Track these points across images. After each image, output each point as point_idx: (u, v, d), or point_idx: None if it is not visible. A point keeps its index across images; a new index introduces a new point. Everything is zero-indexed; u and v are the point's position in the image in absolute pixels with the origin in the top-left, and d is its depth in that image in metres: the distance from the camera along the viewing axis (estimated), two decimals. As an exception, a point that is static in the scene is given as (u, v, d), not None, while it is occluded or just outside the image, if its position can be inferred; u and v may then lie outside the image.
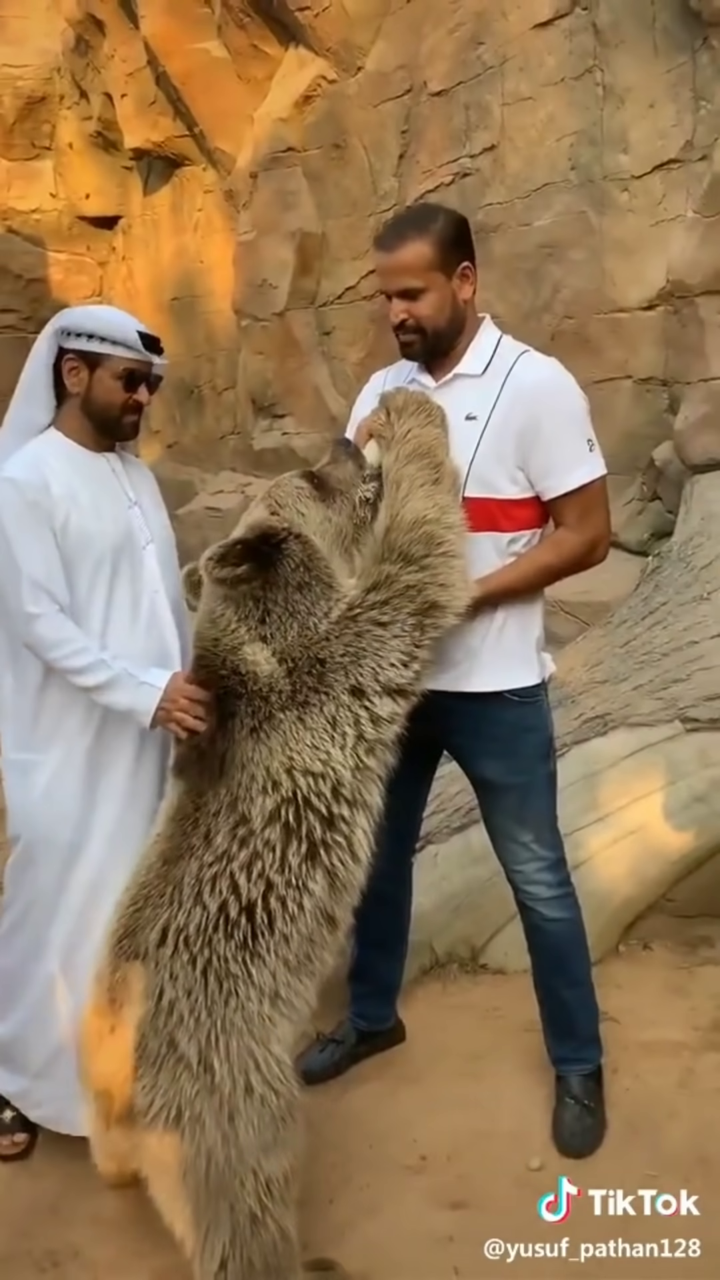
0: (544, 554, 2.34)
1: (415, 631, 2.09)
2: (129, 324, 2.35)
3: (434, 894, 3.12)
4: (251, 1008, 1.99)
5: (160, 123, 9.07)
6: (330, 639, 2.07)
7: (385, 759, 2.13)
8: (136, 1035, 1.98)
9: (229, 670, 2.09)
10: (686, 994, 3.01)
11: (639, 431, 4.84)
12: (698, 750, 3.16)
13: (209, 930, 1.99)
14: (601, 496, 2.33)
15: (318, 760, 2.04)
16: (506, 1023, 2.92)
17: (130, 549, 2.38)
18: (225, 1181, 1.94)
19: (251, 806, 2.03)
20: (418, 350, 2.33)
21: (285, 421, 7.64)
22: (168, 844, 2.10)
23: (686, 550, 3.75)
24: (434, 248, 2.24)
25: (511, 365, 2.29)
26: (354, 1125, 2.59)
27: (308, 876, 2.04)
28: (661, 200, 4.63)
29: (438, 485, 2.17)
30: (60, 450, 2.36)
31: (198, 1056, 1.95)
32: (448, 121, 5.91)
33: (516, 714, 2.39)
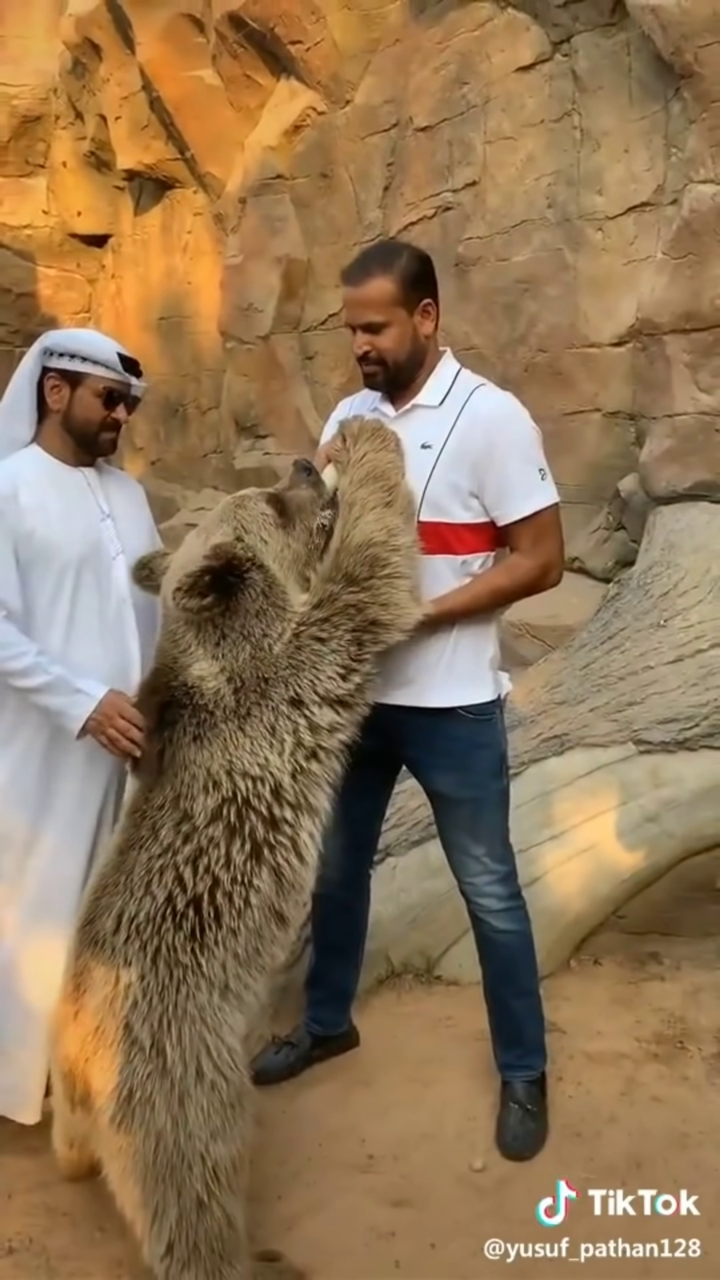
0: (497, 577, 2.42)
1: (353, 646, 2.18)
2: (110, 346, 2.47)
3: (391, 905, 3.20)
4: (202, 997, 2.07)
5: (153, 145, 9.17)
6: (279, 658, 2.16)
7: (331, 766, 2.21)
8: (95, 1019, 2.06)
9: (178, 683, 2.18)
10: (632, 1008, 3.10)
11: (606, 463, 4.96)
12: (650, 771, 3.26)
13: (158, 919, 2.07)
14: (554, 523, 2.41)
15: (256, 764, 2.13)
16: (457, 1031, 2.99)
17: (97, 560, 2.47)
18: (174, 1165, 2.01)
19: (194, 804, 2.12)
20: (380, 381, 2.43)
21: (267, 442, 7.75)
22: (122, 836, 2.20)
23: (646, 579, 3.86)
24: (397, 285, 2.34)
25: (468, 397, 2.39)
26: (305, 1125, 2.65)
27: (253, 874, 2.12)
28: (634, 241, 4.77)
29: (389, 508, 2.26)
30: (37, 463, 2.47)
31: (150, 1040, 2.02)
32: (431, 156, 6.06)
33: (470, 730, 2.47)
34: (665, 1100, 2.72)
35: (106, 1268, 2.23)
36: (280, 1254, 2.21)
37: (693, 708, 3.32)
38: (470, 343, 5.54)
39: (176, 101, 8.22)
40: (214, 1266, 2.05)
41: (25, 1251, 2.28)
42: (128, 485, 2.70)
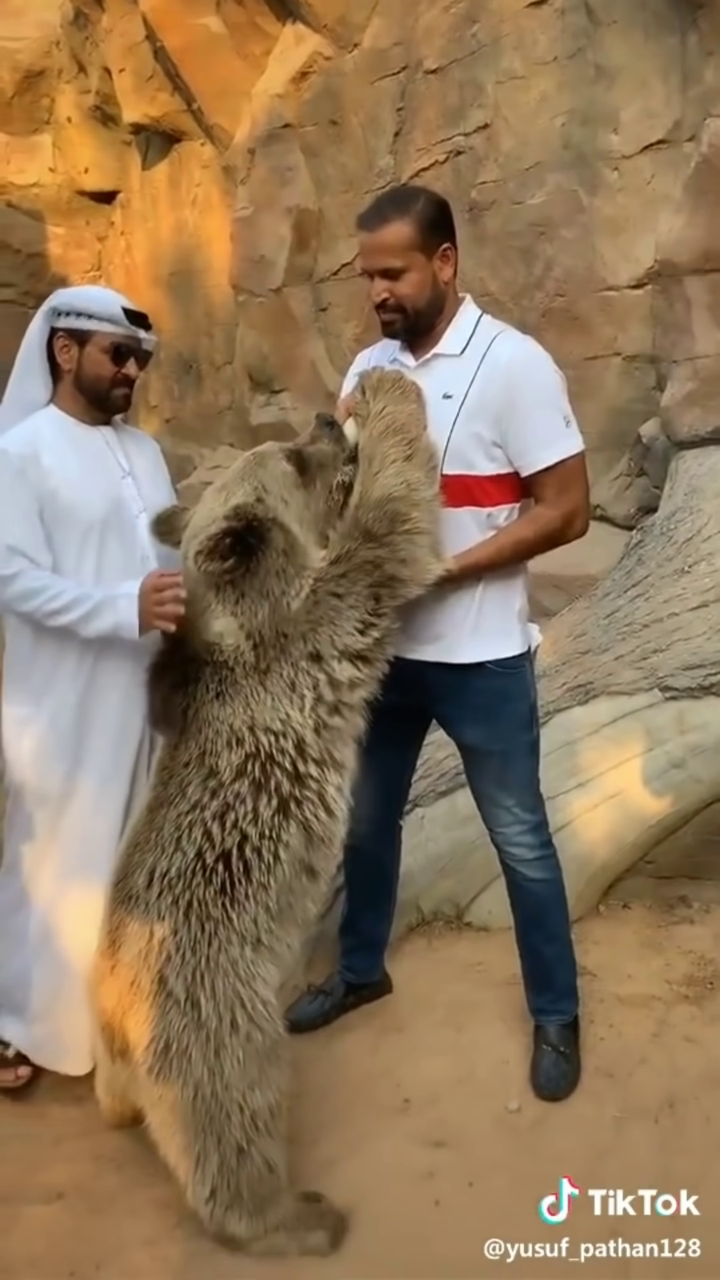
0: (521, 529, 2.39)
1: (370, 601, 2.17)
2: (114, 300, 2.46)
3: (421, 855, 3.23)
4: (234, 950, 2.10)
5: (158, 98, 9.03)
6: (297, 614, 2.16)
7: (354, 721, 2.23)
8: (131, 972, 2.10)
9: (199, 641, 2.19)
10: (661, 950, 3.13)
11: (627, 408, 4.90)
12: (675, 717, 3.25)
13: (188, 874, 2.11)
14: (579, 472, 2.38)
15: (277, 720, 2.14)
16: (489, 977, 3.03)
17: (120, 518, 2.48)
18: (212, 1114, 2.06)
19: (219, 760, 2.14)
20: (398, 329, 2.38)
21: (282, 397, 7.68)
22: (152, 794, 2.23)
23: (669, 525, 3.82)
24: (415, 228, 2.29)
25: (489, 344, 2.35)
26: (341, 1070, 2.70)
27: (281, 829, 2.14)
28: (651, 180, 4.67)
29: (410, 461, 2.23)
30: (55, 424, 2.48)
31: (185, 993, 2.07)
32: (442, 99, 5.93)
33: (498, 684, 2.47)
34: (697, 1040, 2.75)
35: (154, 1209, 2.28)
36: (321, 1195, 2.26)
37: (718, 653, 3.31)
38: (486, 289, 5.46)
39: (181, 51, 8.06)
40: (256, 1208, 2.12)
41: (74, 1196, 2.34)
42: (145, 443, 2.70)
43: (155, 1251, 2.18)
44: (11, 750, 2.53)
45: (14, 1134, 2.51)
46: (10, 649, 2.53)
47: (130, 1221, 2.27)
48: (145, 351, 2.53)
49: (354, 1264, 2.13)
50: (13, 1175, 2.39)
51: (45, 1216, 2.28)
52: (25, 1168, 2.41)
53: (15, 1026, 2.60)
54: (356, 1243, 2.18)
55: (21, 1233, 2.24)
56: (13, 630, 2.51)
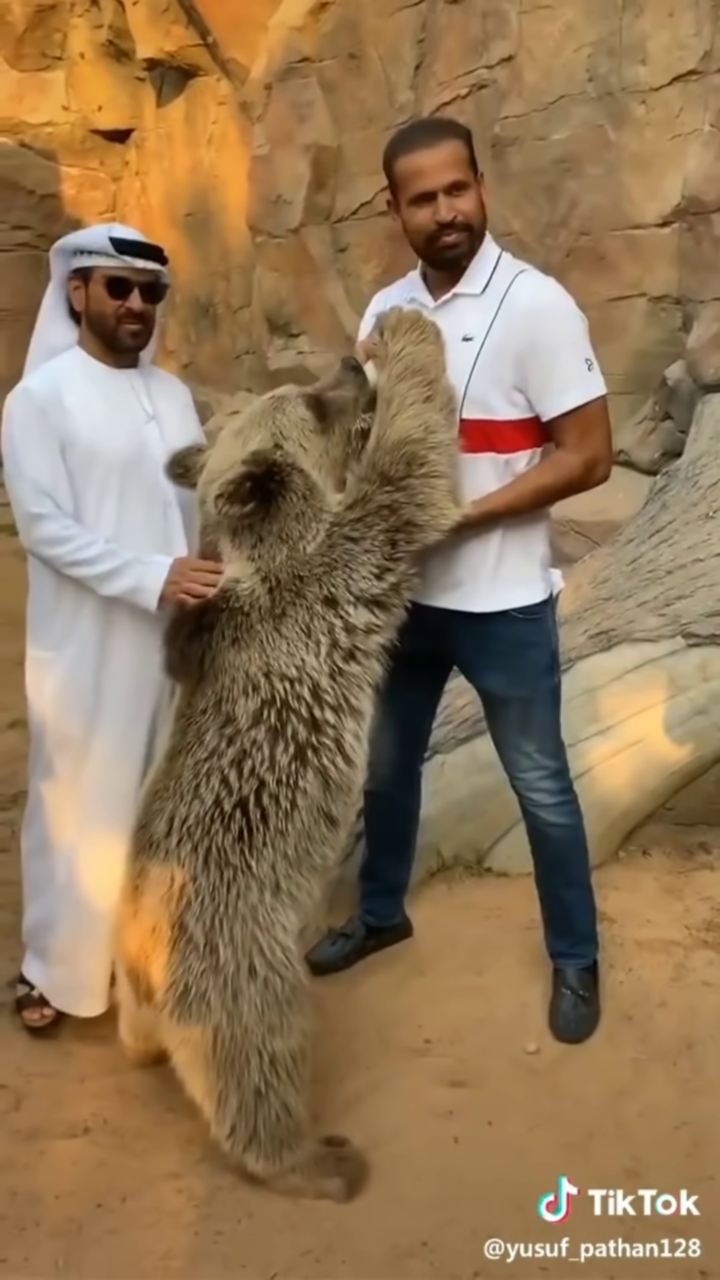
0: (542, 475, 2.35)
1: (387, 546, 2.15)
2: (101, 231, 2.41)
3: (441, 801, 3.24)
4: (253, 897, 2.11)
5: (173, 31, 8.87)
6: (312, 558, 2.15)
7: (371, 667, 2.19)
8: (152, 918, 2.13)
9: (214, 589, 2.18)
10: (681, 896, 3.14)
11: (652, 350, 4.83)
12: (699, 665, 3.24)
13: (206, 821, 2.11)
14: (601, 416, 2.34)
15: (292, 666, 2.12)
16: (509, 921, 3.04)
17: (142, 462, 2.45)
18: (232, 1057, 2.09)
19: (235, 707, 2.13)
20: (464, 250, 2.30)
21: (300, 340, 7.61)
22: (171, 741, 2.23)
23: (694, 469, 3.78)
24: (467, 147, 2.29)
25: (509, 285, 2.30)
26: (363, 1013, 2.73)
27: (299, 776, 2.13)
28: (679, 113, 4.55)
29: (429, 404, 2.19)
30: (80, 366, 2.45)
31: (204, 938, 2.09)
32: (465, 31, 5.79)
33: (519, 630, 2.45)
34: (715, 984, 2.76)
35: (178, 1145, 2.33)
36: (345, 1139, 2.28)
37: (742, 599, 3.29)
38: (509, 227, 5.37)
39: (197, -18, 7.91)
40: (273, 1150, 2.15)
41: (100, 1131, 2.38)
42: (174, 386, 2.66)
43: (180, 1185, 2.23)
44: (33, 694, 2.54)
45: (41, 1071, 2.56)
46: (33, 593, 2.54)
47: (155, 1156, 2.31)
48: (153, 284, 2.44)
49: (377, 1197, 2.17)
50: (41, 1111, 2.43)
51: (72, 1150, 2.33)
52: (52, 1104, 2.45)
53: (38, 968, 2.63)
54: (380, 1176, 2.22)
55: (49, 1166, 2.29)
56: (36, 574, 2.51)
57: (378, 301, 2.57)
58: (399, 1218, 2.13)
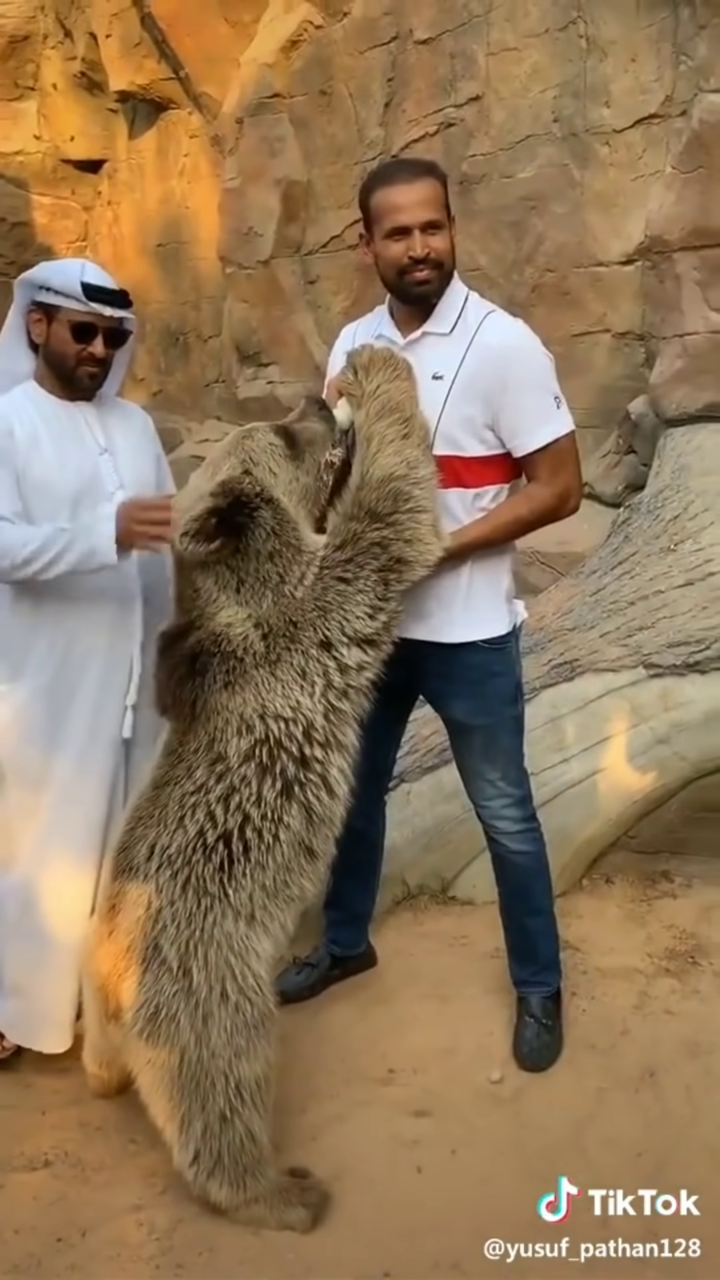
0: (517, 507, 2.42)
1: (380, 586, 2.18)
2: (74, 274, 2.37)
3: (406, 829, 3.25)
4: (228, 924, 2.13)
5: (145, 65, 8.92)
6: (304, 601, 2.16)
7: (359, 703, 2.24)
8: (127, 938, 2.14)
9: (205, 632, 2.17)
10: (644, 924, 3.17)
11: (616, 385, 4.90)
12: (660, 694, 3.28)
13: (188, 852, 2.13)
14: (571, 451, 2.40)
15: (288, 707, 2.15)
16: (473, 950, 3.06)
17: (94, 496, 2.44)
18: (198, 1080, 2.10)
19: (227, 747, 2.15)
20: (434, 287, 2.34)
21: (270, 370, 7.65)
22: (158, 772, 2.24)
23: (656, 503, 3.84)
24: (443, 189, 2.34)
25: (478, 325, 2.35)
26: (327, 1042, 2.73)
27: (283, 811, 2.16)
28: (642, 155, 4.65)
29: (407, 440, 2.23)
30: (33, 399, 2.46)
31: (178, 961, 2.10)
32: (433, 70, 5.88)
33: (485, 660, 2.49)
34: (677, 1013, 2.79)
35: (140, 1177, 2.32)
36: (308, 1172, 2.27)
37: (703, 630, 3.34)
38: (476, 263, 5.44)
39: (169, 17, 7.97)
40: (237, 1177, 2.15)
41: (61, 1164, 2.37)
42: (131, 417, 2.64)
43: (141, 1217, 2.21)
44: None
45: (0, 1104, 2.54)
46: None
47: (117, 1189, 2.30)
48: (119, 330, 2.45)
49: (339, 1227, 2.17)
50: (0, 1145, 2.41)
51: (32, 1184, 2.31)
52: (12, 1137, 2.43)
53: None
54: (341, 1207, 2.21)
55: (8, 1200, 2.26)
56: None
57: (345, 335, 2.61)
58: (361, 1248, 2.13)
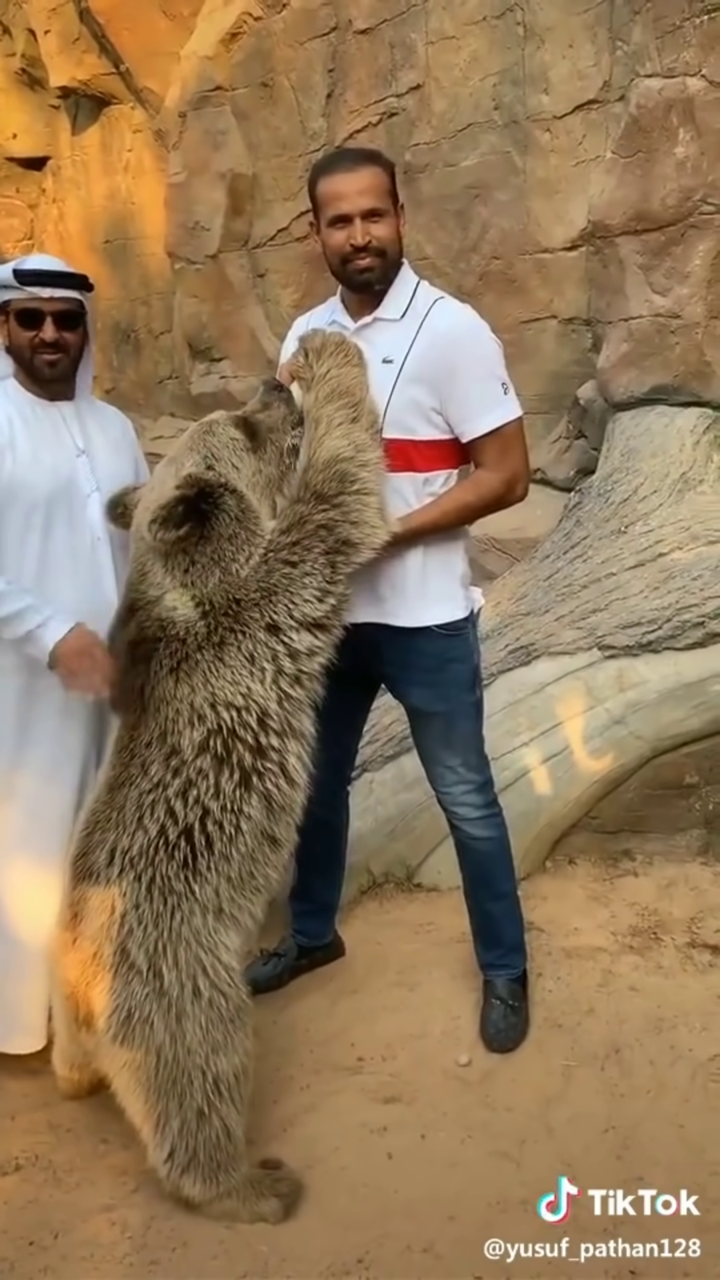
0: (464, 493, 2.42)
1: (327, 569, 2.18)
2: (8, 265, 2.40)
3: (370, 818, 3.27)
4: (196, 921, 2.12)
5: (86, 60, 8.82)
6: (247, 581, 2.15)
7: (313, 689, 2.23)
8: (93, 945, 2.12)
9: (150, 618, 2.17)
10: (607, 903, 3.19)
11: (565, 371, 4.92)
12: (615, 675, 3.31)
13: (150, 852, 2.12)
14: (518, 437, 2.42)
15: (239, 695, 2.14)
16: (439, 936, 3.08)
17: (69, 497, 2.44)
18: (175, 1078, 2.10)
19: (180, 739, 2.13)
20: (376, 275, 2.35)
21: (222, 365, 7.60)
22: (112, 773, 2.22)
23: (606, 486, 3.86)
24: (389, 177, 2.35)
25: (427, 310, 2.37)
26: (297, 1033, 2.74)
27: (243, 801, 2.15)
28: (582, 140, 4.66)
29: (355, 424, 2.25)
30: (11, 398, 2.45)
31: (147, 963, 2.09)
32: (374, 60, 5.86)
33: (442, 646, 2.50)
34: (641, 989, 2.82)
35: (111, 1177, 2.31)
36: (280, 1162, 2.28)
37: (655, 611, 3.36)
38: (423, 252, 5.44)
39: (106, 12, 7.90)
40: (210, 1173, 2.15)
41: (32, 1167, 2.35)
42: (109, 419, 2.64)
43: (114, 1217, 2.21)
44: None
45: (-31, 1110, 2.52)
46: None
47: (88, 1190, 2.29)
48: (66, 312, 2.39)
49: (312, 1216, 2.18)
50: (-31, 1150, 2.40)
51: (3, 1188, 2.30)
52: (-19, 1142, 2.42)
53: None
54: (314, 1195, 2.22)
55: (-20, 1205, 2.25)
56: None
57: (299, 325, 2.61)
58: (334, 1236, 2.13)
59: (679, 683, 3.27)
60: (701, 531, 3.55)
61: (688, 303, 4.05)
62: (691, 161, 3.99)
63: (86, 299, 2.46)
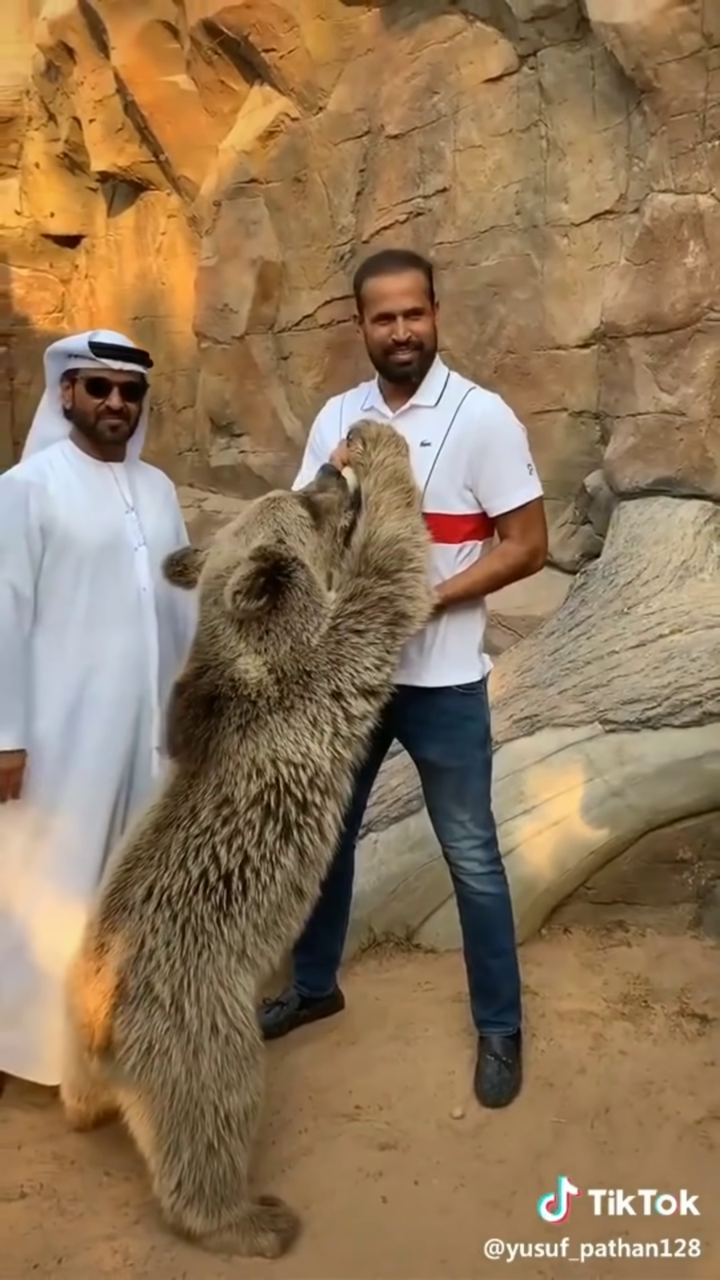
0: (492, 563, 2.65)
1: (388, 639, 2.38)
2: (84, 335, 2.63)
3: (373, 877, 3.36)
4: (220, 961, 2.24)
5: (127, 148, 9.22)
6: (318, 650, 2.34)
7: (358, 751, 2.41)
8: (118, 977, 2.22)
9: (224, 678, 2.32)
10: (600, 971, 3.28)
11: (573, 460, 5.14)
12: (615, 749, 3.44)
13: (190, 892, 2.24)
14: (540, 513, 2.67)
15: (299, 753, 2.30)
16: (437, 995, 3.16)
17: (118, 550, 2.63)
18: (188, 1111, 2.19)
19: (236, 790, 2.28)
20: (415, 368, 2.59)
21: (242, 440, 7.86)
22: (160, 814, 2.33)
23: (611, 569, 4.04)
24: (428, 279, 2.61)
25: (462, 398, 2.61)
26: (296, 1079, 2.81)
27: (281, 852, 2.30)
28: (598, 247, 4.95)
29: (410, 508, 2.49)
30: (68, 457, 2.66)
31: (170, 998, 2.20)
32: (403, 163, 6.21)
33: (459, 704, 2.68)
34: (631, 1053, 2.90)
35: (114, 1208, 2.37)
36: (278, 1200, 2.35)
37: (655, 689, 3.51)
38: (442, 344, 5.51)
39: (151, 106, 8.30)
40: (214, 1206, 2.23)
41: (36, 1195, 2.42)
42: (156, 481, 2.85)
43: (115, 1245, 2.27)
44: None
45: (-24, 1138, 2.59)
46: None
47: (91, 1219, 2.35)
48: (131, 384, 2.62)
49: (308, 1254, 2.24)
50: (-25, 1177, 2.46)
51: (8, 1215, 2.36)
52: (-12, 1169, 2.48)
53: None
54: (311, 1233, 2.29)
55: (-15, 1230, 2.31)
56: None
57: (332, 408, 2.84)
58: (329, 1274, 2.19)
59: (675, 759, 3.41)
60: (701, 616, 3.71)
61: (693, 401, 4.28)
62: (700, 271, 4.24)
63: (147, 374, 2.68)
